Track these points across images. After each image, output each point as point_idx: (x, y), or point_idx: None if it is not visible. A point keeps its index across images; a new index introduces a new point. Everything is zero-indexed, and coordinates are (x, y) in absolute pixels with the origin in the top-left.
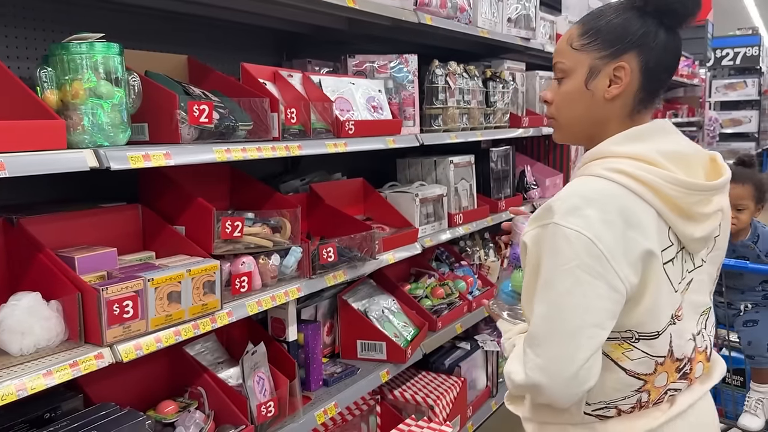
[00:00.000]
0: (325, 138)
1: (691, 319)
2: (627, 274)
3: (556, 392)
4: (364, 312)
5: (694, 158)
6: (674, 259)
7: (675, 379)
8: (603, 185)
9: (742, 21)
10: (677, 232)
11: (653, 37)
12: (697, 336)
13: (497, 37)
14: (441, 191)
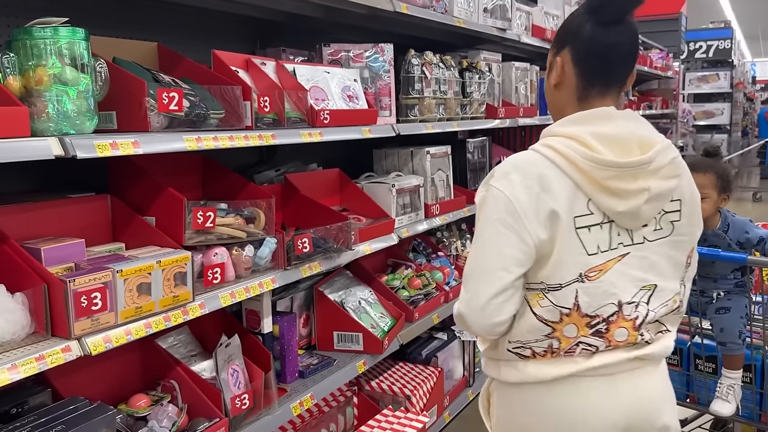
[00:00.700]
0: (299, 127)
1: (621, 288)
2: (536, 230)
3: (471, 321)
4: (340, 303)
5: (629, 142)
6: (594, 227)
7: (587, 334)
8: (531, 156)
9: (714, 14)
10: (598, 204)
11: (582, 31)
12: (626, 305)
13: (473, 27)
14: (418, 182)
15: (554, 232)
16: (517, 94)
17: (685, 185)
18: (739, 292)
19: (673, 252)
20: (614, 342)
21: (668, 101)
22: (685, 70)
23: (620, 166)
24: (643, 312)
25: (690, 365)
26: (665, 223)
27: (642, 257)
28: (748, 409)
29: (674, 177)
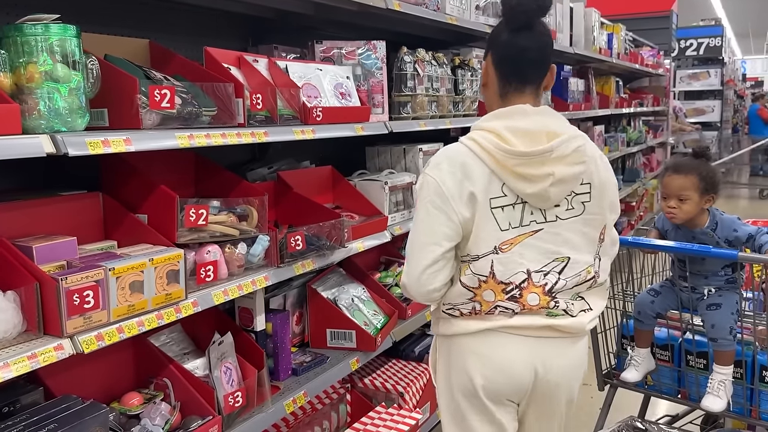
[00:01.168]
0: (292, 125)
1: (530, 259)
2: (461, 209)
3: (411, 289)
4: (333, 301)
5: (540, 134)
6: (507, 207)
7: (503, 299)
8: (457, 147)
9: (705, 12)
10: (511, 187)
11: (499, 38)
12: (535, 273)
13: (465, 25)
14: (410, 179)
15: (474, 211)
16: None
17: (594, 171)
18: (730, 289)
19: (586, 229)
20: (528, 306)
21: (659, 98)
22: (676, 68)
23: (526, 155)
24: (552, 280)
25: (681, 361)
26: (577, 204)
27: (555, 233)
28: (738, 404)
29: (579, 163)
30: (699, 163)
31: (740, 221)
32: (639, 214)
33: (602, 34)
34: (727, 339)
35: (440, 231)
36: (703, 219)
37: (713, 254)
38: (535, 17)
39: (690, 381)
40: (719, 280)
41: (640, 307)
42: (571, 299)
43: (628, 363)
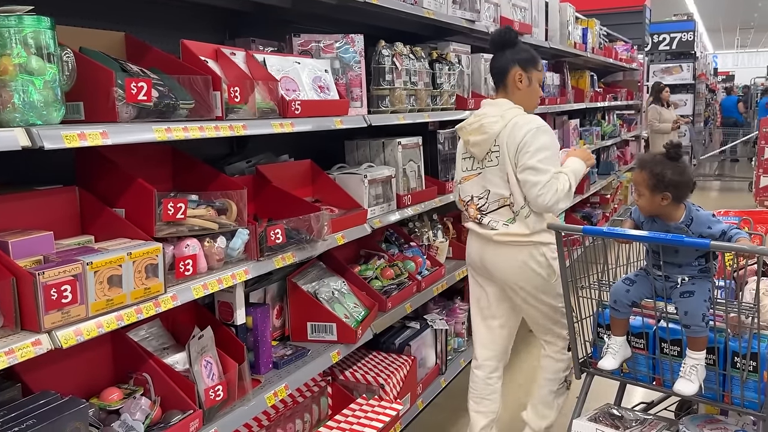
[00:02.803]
0: (271, 118)
1: (472, 189)
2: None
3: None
4: (313, 294)
5: (479, 116)
6: (466, 158)
7: (465, 210)
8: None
9: (677, 7)
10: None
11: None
12: (474, 197)
13: (442, 19)
14: (389, 172)
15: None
16: (486, 86)
17: (504, 139)
18: (702, 277)
19: (500, 173)
20: (471, 216)
21: (633, 93)
22: (650, 62)
23: (461, 128)
24: (482, 202)
25: (656, 349)
26: (493, 158)
27: (483, 176)
28: (711, 390)
29: (481, 134)
30: (656, 160)
31: (715, 218)
32: (613, 206)
33: (577, 28)
34: (700, 325)
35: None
36: (679, 214)
37: (686, 243)
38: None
39: (664, 368)
40: (692, 269)
41: (615, 296)
42: (490, 217)
43: (605, 351)
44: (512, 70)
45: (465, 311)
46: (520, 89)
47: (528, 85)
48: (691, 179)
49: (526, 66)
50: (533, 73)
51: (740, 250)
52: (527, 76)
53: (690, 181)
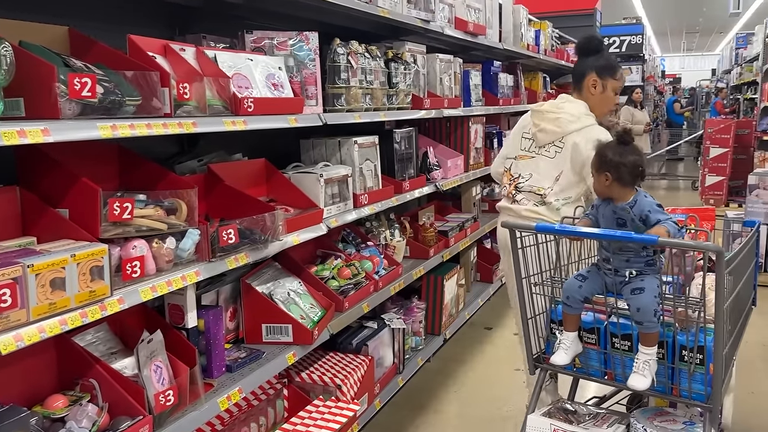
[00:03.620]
0: (222, 115)
1: (523, 168)
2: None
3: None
4: (268, 295)
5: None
6: (527, 138)
7: (508, 185)
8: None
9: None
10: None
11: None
12: (520, 177)
13: (397, 18)
14: (346, 172)
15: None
16: (441, 86)
17: (571, 140)
18: (650, 272)
19: (552, 167)
20: (507, 192)
21: None
22: None
23: (538, 111)
24: (522, 182)
25: (607, 344)
26: (552, 151)
27: (536, 161)
28: (661, 383)
29: (556, 127)
30: (605, 144)
31: (659, 208)
32: None
33: (530, 30)
34: (652, 321)
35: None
36: (627, 196)
37: (635, 240)
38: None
39: (616, 363)
40: (640, 261)
41: (568, 292)
42: (523, 194)
43: (557, 347)
44: (588, 76)
45: (422, 310)
46: (593, 94)
47: (602, 91)
48: (635, 163)
49: (602, 73)
50: (609, 81)
51: (686, 246)
52: (602, 83)
53: (632, 164)
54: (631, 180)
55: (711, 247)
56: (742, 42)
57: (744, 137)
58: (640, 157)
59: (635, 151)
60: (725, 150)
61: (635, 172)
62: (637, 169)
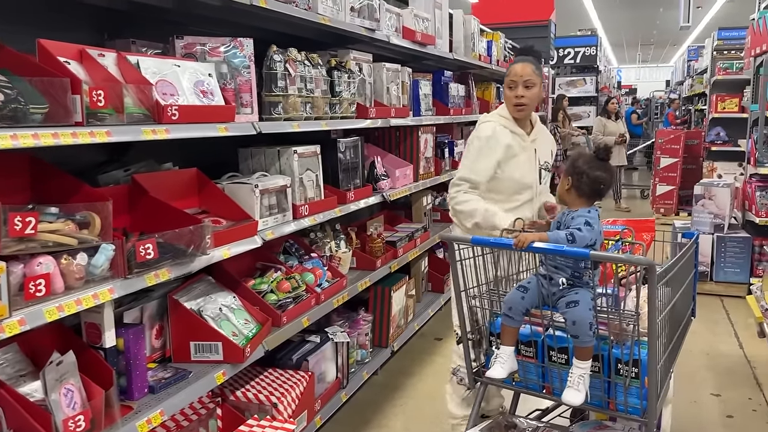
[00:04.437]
0: (144, 124)
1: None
2: None
3: None
4: (197, 311)
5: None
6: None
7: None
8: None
9: (582, 23)
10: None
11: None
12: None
13: (339, 26)
14: (284, 182)
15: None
16: (388, 95)
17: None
18: (583, 285)
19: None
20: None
21: (539, 105)
22: (555, 75)
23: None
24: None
25: (544, 357)
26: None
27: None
28: (597, 397)
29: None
30: (582, 153)
31: (585, 222)
32: None
33: (482, 41)
34: (588, 335)
35: None
36: (578, 206)
37: (567, 253)
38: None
39: (554, 376)
40: (568, 268)
41: (511, 303)
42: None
43: (494, 361)
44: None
45: (369, 322)
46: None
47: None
48: (597, 179)
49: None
50: (505, 80)
51: (617, 260)
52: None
53: (594, 178)
54: (588, 193)
55: (642, 260)
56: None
57: (693, 147)
58: (607, 176)
59: (606, 168)
60: (675, 160)
61: (595, 186)
62: (597, 185)
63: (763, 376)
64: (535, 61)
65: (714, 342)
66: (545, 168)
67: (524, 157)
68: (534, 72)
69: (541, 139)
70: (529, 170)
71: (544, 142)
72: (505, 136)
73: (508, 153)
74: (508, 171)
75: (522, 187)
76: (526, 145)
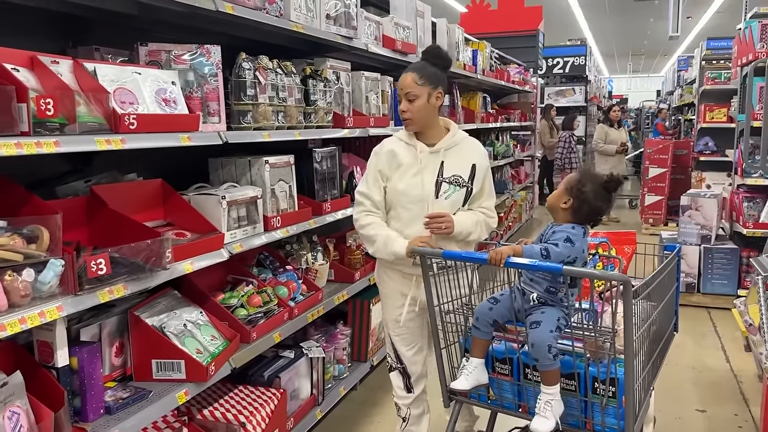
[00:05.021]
0: (96, 133)
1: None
2: None
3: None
4: (159, 328)
5: None
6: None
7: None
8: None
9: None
10: None
11: (444, 77)
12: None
13: (313, 33)
14: (254, 193)
15: None
16: (368, 104)
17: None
18: (556, 302)
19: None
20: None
21: (527, 114)
22: (545, 85)
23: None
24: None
25: (520, 375)
26: None
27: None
28: (574, 417)
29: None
30: (592, 175)
31: (575, 235)
32: (508, 224)
33: (467, 50)
34: (547, 358)
35: None
36: (563, 221)
37: (541, 268)
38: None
39: (529, 395)
40: (542, 283)
41: (478, 313)
42: None
43: (459, 372)
44: None
45: (347, 336)
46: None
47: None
48: (598, 210)
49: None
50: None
51: (590, 276)
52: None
53: (595, 208)
54: (583, 218)
55: (615, 276)
56: (683, 65)
57: (682, 157)
58: (607, 208)
59: (609, 200)
60: (664, 170)
61: (592, 216)
62: (594, 215)
63: (749, 391)
64: (424, 69)
65: (700, 355)
66: (452, 182)
67: (415, 169)
68: (416, 82)
69: (454, 152)
70: (417, 183)
71: (459, 155)
72: (394, 147)
73: (392, 163)
74: (393, 183)
75: (408, 200)
76: (422, 157)
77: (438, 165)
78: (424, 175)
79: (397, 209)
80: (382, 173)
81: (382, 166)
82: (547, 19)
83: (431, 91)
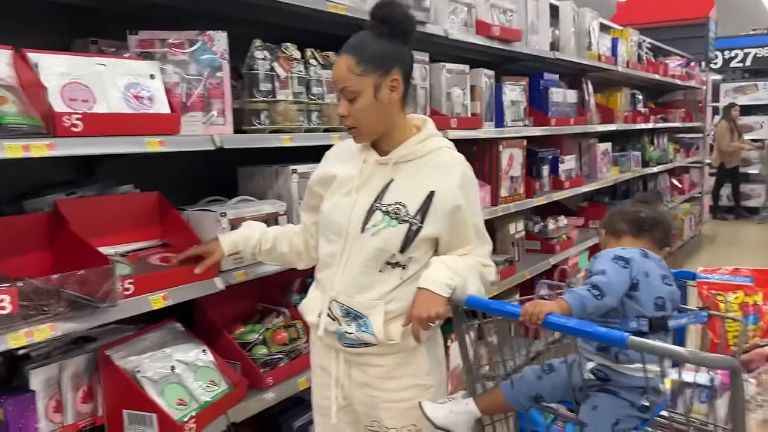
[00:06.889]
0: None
1: None
2: None
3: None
4: (131, 371)
5: None
6: None
7: None
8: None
9: (756, 21)
10: None
11: (403, 52)
12: None
13: (360, 16)
14: (274, 209)
15: None
16: (449, 102)
17: None
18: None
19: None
20: None
21: (692, 113)
22: (721, 81)
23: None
24: None
25: None
26: None
27: None
28: None
29: None
30: (621, 209)
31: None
32: None
33: (604, 38)
34: None
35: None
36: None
37: (596, 336)
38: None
39: None
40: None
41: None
42: None
43: (446, 401)
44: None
45: None
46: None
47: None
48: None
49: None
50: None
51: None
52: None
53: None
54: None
55: (717, 361)
56: None
57: None
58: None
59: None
60: None
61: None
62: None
63: None
64: (363, 47)
65: None
66: (388, 212)
67: (350, 186)
68: (352, 71)
69: (410, 169)
70: (345, 206)
71: (414, 174)
72: (341, 151)
73: (329, 174)
74: (324, 201)
75: (331, 229)
76: (365, 169)
77: (383, 184)
78: (360, 195)
79: (321, 241)
80: (315, 188)
81: (319, 177)
82: (725, 6)
83: (380, 80)
